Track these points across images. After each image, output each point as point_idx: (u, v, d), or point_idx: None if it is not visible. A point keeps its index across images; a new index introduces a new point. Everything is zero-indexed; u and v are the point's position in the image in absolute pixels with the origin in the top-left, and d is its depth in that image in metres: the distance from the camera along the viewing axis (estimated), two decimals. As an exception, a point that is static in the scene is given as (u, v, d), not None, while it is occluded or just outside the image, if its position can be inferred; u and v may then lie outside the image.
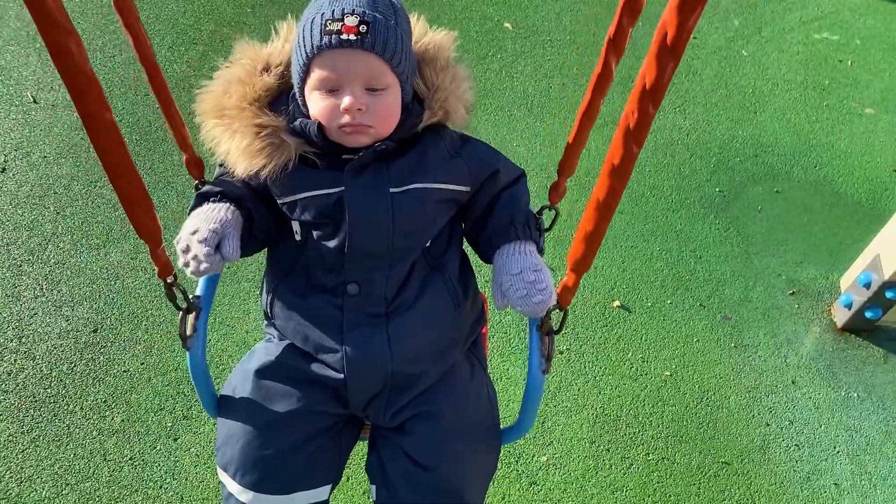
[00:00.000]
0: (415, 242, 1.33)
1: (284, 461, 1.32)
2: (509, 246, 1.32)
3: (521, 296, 1.25)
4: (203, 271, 1.22)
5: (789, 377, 2.59)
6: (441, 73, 1.32)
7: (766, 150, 3.48)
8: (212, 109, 1.28)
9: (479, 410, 1.40)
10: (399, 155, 1.30)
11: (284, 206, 1.32)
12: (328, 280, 1.32)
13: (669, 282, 2.84)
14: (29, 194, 2.87)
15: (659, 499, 2.23)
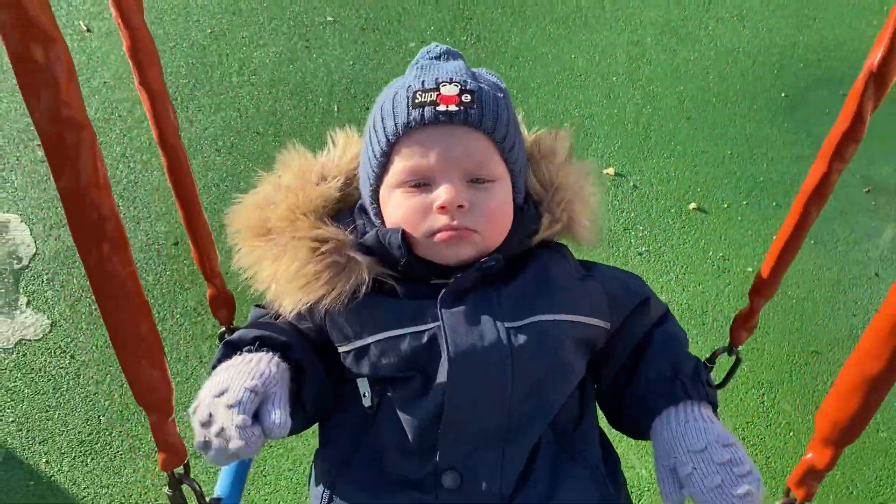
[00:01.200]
0: (542, 406, 0.95)
1: None
2: (677, 410, 0.94)
3: (713, 485, 0.86)
4: (233, 454, 0.83)
5: (872, 270, 2.58)
6: (561, 170, 1.03)
7: (828, 54, 3.42)
8: (251, 225, 1.00)
9: None
10: (510, 278, 0.97)
11: (350, 356, 0.97)
12: (413, 468, 0.94)
13: (743, 183, 2.83)
14: (93, 118, 2.87)
15: (752, 386, 2.25)
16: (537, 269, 0.97)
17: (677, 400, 0.94)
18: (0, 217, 2.52)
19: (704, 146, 2.95)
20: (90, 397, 2.12)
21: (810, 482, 0.85)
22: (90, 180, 0.64)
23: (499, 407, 0.90)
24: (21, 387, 2.13)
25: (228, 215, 1.03)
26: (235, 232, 1.01)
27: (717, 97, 3.17)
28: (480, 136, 0.93)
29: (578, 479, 0.94)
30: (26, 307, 2.30)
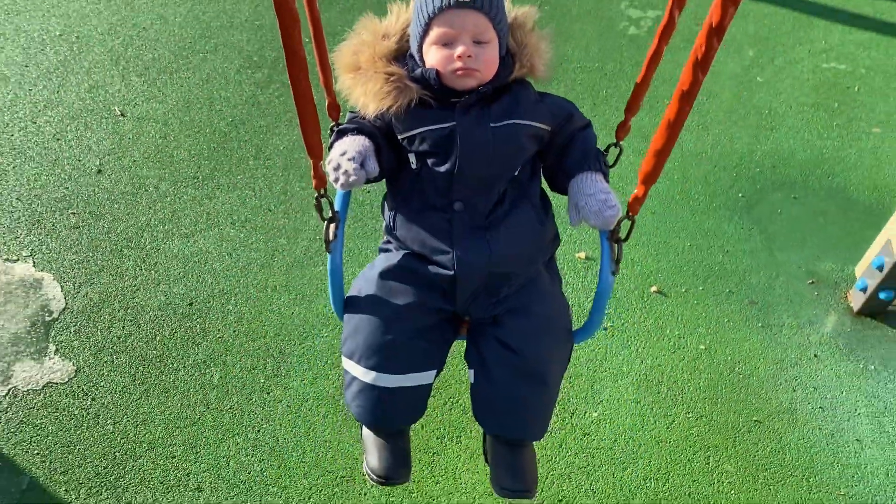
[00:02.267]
0: (508, 168, 1.58)
1: (402, 347, 1.56)
2: (582, 174, 1.56)
3: (594, 210, 1.50)
4: (352, 183, 1.46)
5: (812, 352, 2.91)
6: (528, 35, 1.61)
7: (782, 162, 3.86)
8: (347, 65, 1.56)
9: (559, 310, 1.66)
10: (496, 99, 1.56)
11: (405, 140, 1.57)
12: (439, 200, 1.57)
13: (700, 272, 3.19)
14: (123, 192, 3.26)
15: (699, 449, 2.53)
16: (513, 95, 1.57)
17: (583, 170, 1.56)
18: (36, 275, 2.86)
19: (667, 237, 3.33)
20: (108, 435, 2.40)
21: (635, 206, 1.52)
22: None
23: (484, 166, 1.53)
24: (46, 424, 2.41)
25: (334, 55, 1.58)
26: (339, 68, 1.56)
27: (680, 195, 3.58)
28: (482, 15, 1.49)
29: (524, 207, 1.59)
30: (54, 354, 2.61)
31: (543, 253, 1.68)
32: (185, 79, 3.93)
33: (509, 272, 1.59)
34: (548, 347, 1.60)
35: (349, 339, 1.60)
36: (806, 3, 5.34)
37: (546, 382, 1.59)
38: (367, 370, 1.56)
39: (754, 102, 4.27)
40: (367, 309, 1.59)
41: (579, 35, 4.65)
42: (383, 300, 1.58)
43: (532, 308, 1.60)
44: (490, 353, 1.60)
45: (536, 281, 1.64)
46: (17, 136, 3.47)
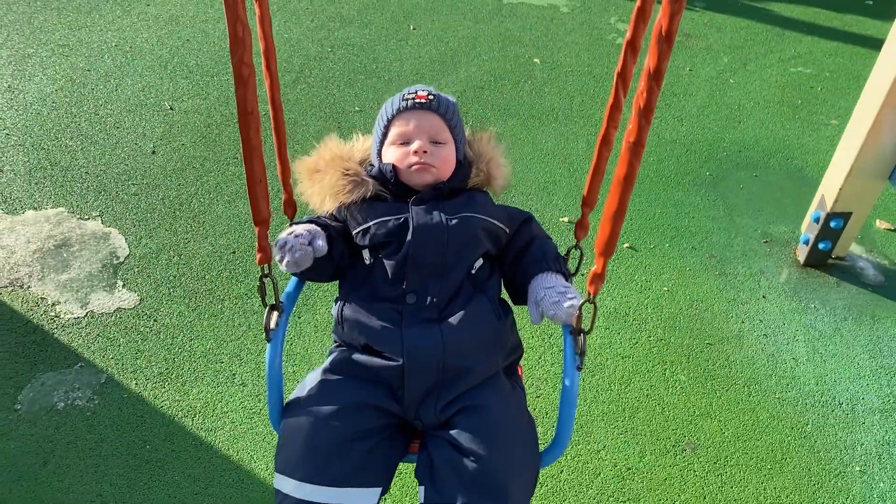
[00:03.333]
0: (462, 259, 1.57)
1: (340, 452, 1.40)
2: (542, 274, 1.57)
3: (553, 302, 1.47)
4: (297, 260, 1.46)
5: (761, 293, 3.43)
6: (485, 146, 1.76)
7: (747, 147, 4.42)
8: (308, 167, 1.68)
9: (522, 417, 1.52)
10: (452, 198, 1.64)
11: (358, 235, 1.60)
12: (390, 292, 1.54)
13: (668, 232, 3.73)
14: (174, 168, 3.88)
15: (658, 363, 3.05)
16: (468, 194, 1.68)
17: (543, 270, 1.58)
18: (105, 229, 3.47)
19: (641, 207, 3.88)
20: (168, 346, 2.97)
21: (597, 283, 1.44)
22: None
23: (439, 256, 1.55)
24: (118, 337, 2.98)
25: (296, 162, 1.69)
26: (300, 172, 1.69)
27: (655, 174, 4.14)
28: (438, 117, 1.66)
29: (482, 300, 1.58)
30: (122, 288, 3.19)
31: (502, 351, 1.58)
32: (224, 80, 4.58)
33: (464, 366, 1.48)
34: (508, 452, 1.41)
35: (282, 449, 1.45)
36: (778, 16, 5.97)
37: (508, 496, 1.36)
38: (298, 483, 1.39)
39: (726, 100, 4.85)
40: (304, 412, 1.46)
41: (572, 45, 5.27)
42: (323, 400, 1.46)
43: (490, 407, 1.45)
44: (440, 460, 1.42)
45: (496, 381, 1.53)
46: (84, 125, 4.12)
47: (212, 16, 5.25)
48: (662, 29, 1.15)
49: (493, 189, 1.77)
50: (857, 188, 3.27)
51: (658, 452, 2.72)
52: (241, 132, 1.32)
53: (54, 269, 3.25)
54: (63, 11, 5.15)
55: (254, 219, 1.39)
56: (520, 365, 1.75)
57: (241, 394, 2.81)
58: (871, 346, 3.19)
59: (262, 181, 1.37)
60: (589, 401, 2.89)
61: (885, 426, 2.87)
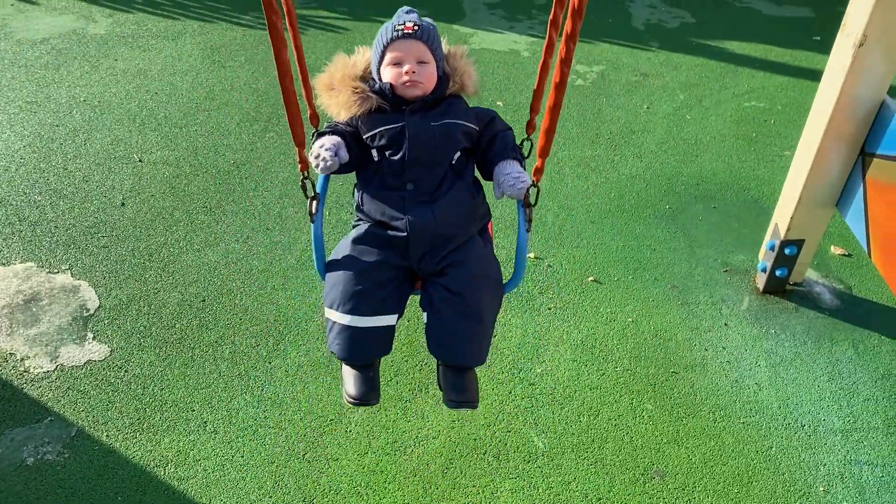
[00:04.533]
0: (445, 155, 2.01)
1: (370, 294, 1.96)
2: (503, 161, 2.00)
3: (509, 184, 1.95)
4: (329, 167, 1.91)
5: (723, 321, 3.53)
6: (459, 62, 2.11)
7: (705, 180, 4.56)
8: (325, 84, 2.05)
9: (491, 265, 2.06)
10: (435, 106, 2.03)
11: (368, 139, 2.01)
12: (394, 182, 2.00)
13: (631, 264, 3.83)
14: (143, 220, 3.92)
15: (625, 393, 3.12)
16: (447, 103, 2.04)
17: (504, 157, 1.99)
18: (74, 282, 3.49)
19: (603, 240, 3.99)
20: (139, 396, 2.98)
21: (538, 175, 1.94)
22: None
23: (428, 154, 1.96)
24: (88, 389, 2.99)
25: (315, 79, 2.05)
26: (319, 88, 2.05)
27: (616, 209, 4.26)
28: (422, 44, 1.99)
29: (460, 186, 2.01)
30: (93, 340, 3.21)
31: (476, 221, 2.08)
32: (193, 132, 4.66)
33: (449, 234, 1.99)
34: (482, 292, 1.97)
35: (329, 292, 1.98)
36: (731, 54, 6.20)
37: (482, 320, 1.96)
38: (343, 314, 1.94)
39: (683, 135, 5.02)
40: (342, 268, 1.98)
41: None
42: (355, 260, 1.99)
43: (468, 262, 1.99)
44: (438, 298, 1.97)
45: (472, 242, 2.04)
46: (52, 180, 4.16)
47: (180, 69, 5.35)
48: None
49: (466, 93, 2.14)
50: (808, 216, 3.40)
51: (627, 481, 2.77)
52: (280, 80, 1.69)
53: (23, 323, 3.26)
54: (31, 69, 5.22)
55: (295, 142, 1.85)
56: (490, 224, 2.23)
57: (213, 441, 2.83)
58: (829, 369, 3.29)
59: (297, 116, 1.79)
60: (559, 433, 2.94)
61: (847, 446, 2.95)
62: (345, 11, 6.32)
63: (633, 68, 5.85)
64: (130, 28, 5.86)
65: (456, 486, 2.75)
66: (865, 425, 3.04)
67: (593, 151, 4.77)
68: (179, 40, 5.73)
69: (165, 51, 5.58)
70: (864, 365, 3.32)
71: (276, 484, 2.72)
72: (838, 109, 3.00)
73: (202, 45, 5.67)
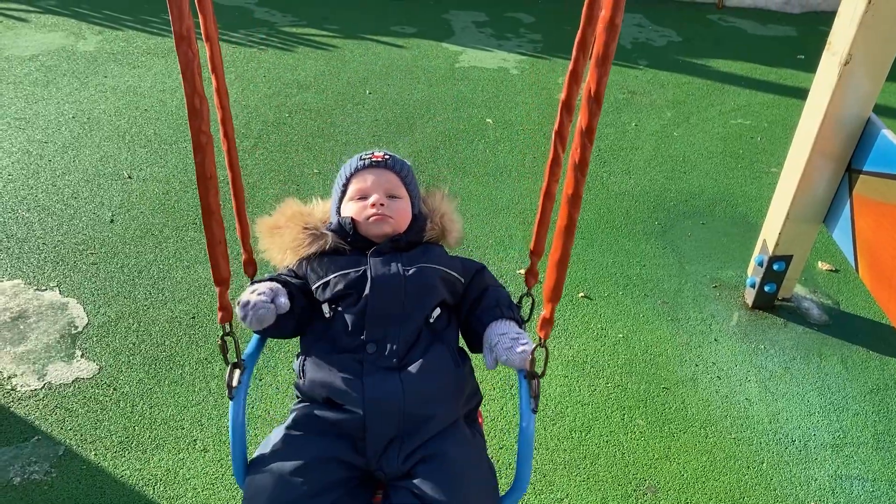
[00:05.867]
0: (420, 308, 1.61)
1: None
2: (496, 321, 1.63)
3: (506, 348, 1.55)
4: (260, 318, 1.49)
5: (713, 337, 3.54)
6: (440, 202, 1.87)
7: (693, 197, 4.60)
8: (269, 226, 1.76)
9: (481, 464, 1.56)
10: (408, 251, 1.72)
11: (318, 290, 1.64)
12: (350, 343, 1.57)
13: (621, 281, 3.85)
14: (132, 236, 3.91)
15: (616, 409, 3.12)
16: (423, 247, 1.76)
17: (496, 317, 1.65)
18: (62, 300, 3.46)
19: (594, 257, 4.00)
20: (127, 414, 2.95)
21: (547, 328, 1.48)
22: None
23: (398, 306, 1.60)
24: (76, 407, 2.96)
25: (256, 223, 1.78)
26: (260, 231, 1.77)
27: (606, 224, 4.28)
28: (393, 174, 1.77)
29: (440, 348, 1.62)
30: (81, 357, 3.18)
31: (460, 398, 1.63)
32: (182, 147, 4.65)
33: (425, 414, 1.51)
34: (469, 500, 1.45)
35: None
36: (718, 72, 6.28)
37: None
38: None
39: (671, 153, 5.06)
40: (269, 468, 1.47)
41: (522, 104, 5.47)
42: (286, 456, 1.48)
43: (451, 455, 1.48)
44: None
45: (455, 429, 1.56)
46: (41, 197, 4.14)
47: (169, 86, 5.35)
48: (591, 91, 1.23)
49: (447, 242, 1.85)
50: (795, 232, 3.43)
51: (619, 498, 2.76)
52: (201, 196, 1.39)
53: (10, 341, 3.22)
54: (20, 85, 5.21)
55: (214, 279, 1.44)
56: (480, 412, 1.79)
57: (203, 460, 2.80)
58: (819, 384, 3.31)
59: (221, 243, 1.44)
60: (551, 449, 2.94)
61: (837, 460, 2.96)
62: (334, 29, 6.35)
63: (620, 86, 5.90)
64: (120, 45, 5.86)
65: (448, 503, 2.73)
66: (855, 440, 3.06)
67: (582, 168, 4.79)
68: (169, 57, 5.73)
69: (155, 68, 5.58)
70: (852, 380, 3.34)
71: (266, 502, 2.69)
72: (825, 127, 3.04)
73: (192, 62, 5.67)
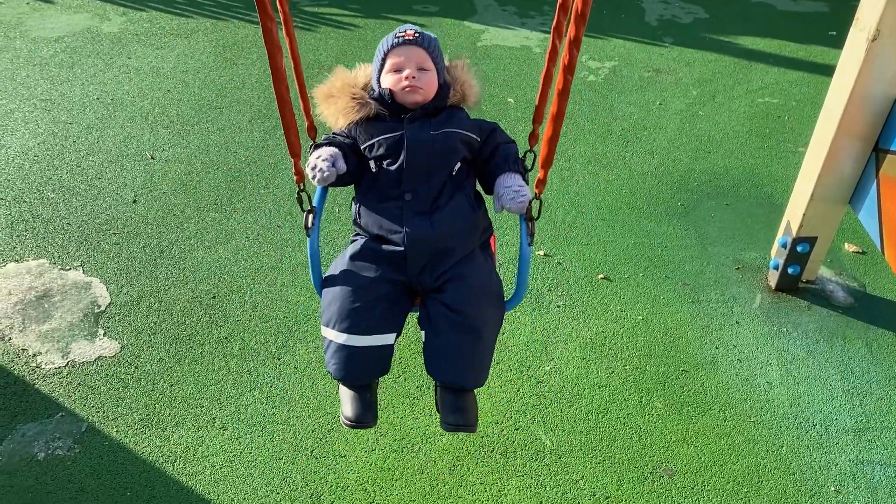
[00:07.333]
0: (445, 165, 1.96)
1: (367, 312, 1.88)
2: (504, 174, 1.96)
3: (510, 198, 1.90)
4: (325, 178, 1.88)
5: (734, 319, 3.49)
6: (461, 72, 2.10)
7: (718, 177, 4.52)
8: (323, 93, 2.04)
9: (491, 281, 1.99)
10: (436, 115, 2.00)
11: (365, 149, 1.98)
12: (392, 192, 1.94)
13: (641, 262, 3.80)
14: (155, 217, 3.94)
15: (634, 391, 3.09)
16: (448, 112, 2.02)
17: (505, 170, 1.96)
18: (86, 279, 3.51)
19: (614, 237, 3.96)
20: (148, 392, 2.99)
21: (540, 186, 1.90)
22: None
23: (427, 162, 1.93)
24: (99, 385, 3.01)
25: (313, 90, 2.04)
26: (317, 97, 2.04)
27: (627, 206, 4.23)
28: (422, 50, 2.00)
29: (460, 197, 1.96)
30: (103, 336, 3.23)
31: (476, 234, 2.01)
32: (204, 129, 4.67)
33: (449, 247, 1.92)
34: (482, 308, 1.91)
35: (326, 310, 1.91)
36: (745, 49, 6.14)
37: (481, 337, 1.89)
38: (340, 333, 1.87)
39: (696, 132, 4.97)
40: (339, 284, 1.91)
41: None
42: (352, 276, 1.92)
43: (468, 277, 1.92)
44: (436, 314, 1.91)
45: (472, 257, 1.97)
46: (66, 178, 4.19)
47: (192, 66, 5.37)
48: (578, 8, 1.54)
49: (467, 105, 2.11)
50: (821, 213, 3.35)
51: (636, 480, 2.75)
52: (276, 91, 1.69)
53: (35, 320, 3.28)
54: (45, 67, 5.26)
55: (290, 152, 1.82)
56: (493, 238, 2.16)
57: (222, 438, 2.83)
58: (842, 368, 3.25)
59: (292, 127, 1.78)
60: (567, 431, 2.92)
61: (859, 446, 2.91)
62: (356, 8, 6.31)
63: (645, 64, 5.80)
64: (144, 26, 5.88)
65: (463, 483, 2.74)
66: (878, 425, 3.00)
67: (605, 148, 4.73)
68: (192, 38, 5.74)
69: (178, 49, 5.60)
70: (877, 363, 3.28)
71: (283, 480, 2.72)
72: (851, 105, 2.96)
73: (214, 42, 5.69)
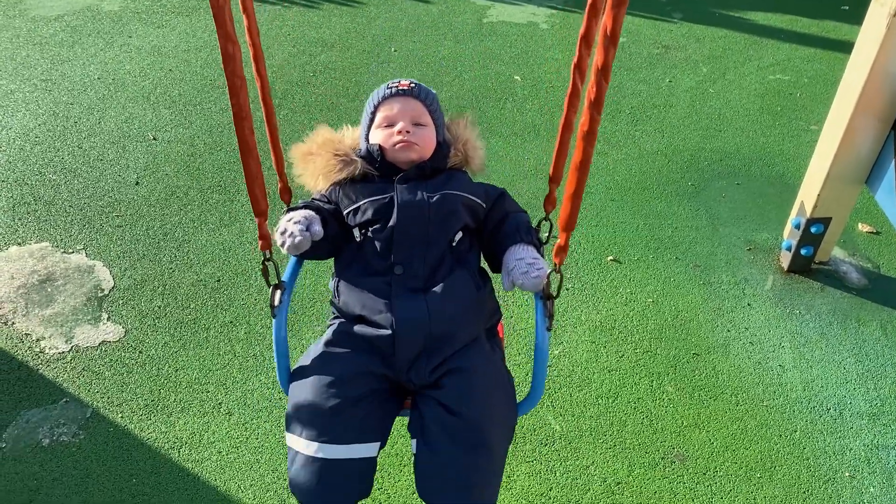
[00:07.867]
0: (444, 232, 1.71)
1: (343, 414, 1.57)
2: (515, 245, 1.71)
3: (522, 272, 1.63)
4: (297, 244, 1.59)
5: (746, 301, 3.43)
6: (463, 129, 1.92)
7: (728, 156, 4.44)
8: (302, 152, 1.84)
9: (500, 374, 1.70)
10: (433, 177, 1.79)
11: (349, 215, 1.75)
12: (379, 265, 1.69)
13: (651, 244, 3.74)
14: (157, 199, 3.88)
15: (645, 375, 3.05)
16: (448, 174, 1.83)
17: (516, 241, 1.72)
18: (89, 262, 3.46)
19: (623, 218, 3.89)
20: (153, 377, 2.96)
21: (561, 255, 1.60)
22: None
23: (422, 230, 1.70)
24: (103, 370, 2.97)
25: (291, 149, 1.86)
26: (294, 157, 1.85)
27: (637, 185, 4.16)
28: (418, 102, 1.82)
29: (462, 273, 1.73)
30: (107, 321, 3.19)
31: (482, 317, 1.74)
32: (207, 109, 4.60)
33: (447, 332, 1.63)
34: (489, 409, 1.59)
35: (292, 412, 1.61)
36: (756, 25, 6.02)
37: (489, 448, 1.56)
38: (309, 442, 1.56)
39: (706, 110, 4.88)
40: (310, 379, 1.61)
41: (552, 61, 5.32)
42: (326, 368, 1.63)
43: (471, 368, 1.62)
44: (431, 419, 1.59)
45: (476, 346, 1.69)
46: (67, 159, 4.13)
47: (194, 45, 5.29)
48: (607, 29, 1.26)
49: (470, 168, 1.91)
50: (836, 193, 3.28)
51: (647, 465, 2.71)
52: (238, 135, 1.44)
53: (38, 304, 3.24)
54: (45, 47, 5.18)
55: (254, 211, 1.55)
56: (501, 324, 1.91)
57: (228, 423, 2.80)
58: (856, 350, 3.19)
59: (259, 178, 1.51)
60: (577, 415, 2.88)
61: (873, 430, 2.86)
62: (360, -15, 6.21)
63: (654, 41, 5.70)
64: (144, 4, 5.79)
65: (472, 469, 2.70)
66: (894, 409, 2.95)
67: (613, 126, 4.65)
68: (193, 16, 5.65)
69: (179, 27, 5.51)
70: (892, 346, 3.22)
71: (290, 466, 2.68)
72: (870, 82, 2.87)
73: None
